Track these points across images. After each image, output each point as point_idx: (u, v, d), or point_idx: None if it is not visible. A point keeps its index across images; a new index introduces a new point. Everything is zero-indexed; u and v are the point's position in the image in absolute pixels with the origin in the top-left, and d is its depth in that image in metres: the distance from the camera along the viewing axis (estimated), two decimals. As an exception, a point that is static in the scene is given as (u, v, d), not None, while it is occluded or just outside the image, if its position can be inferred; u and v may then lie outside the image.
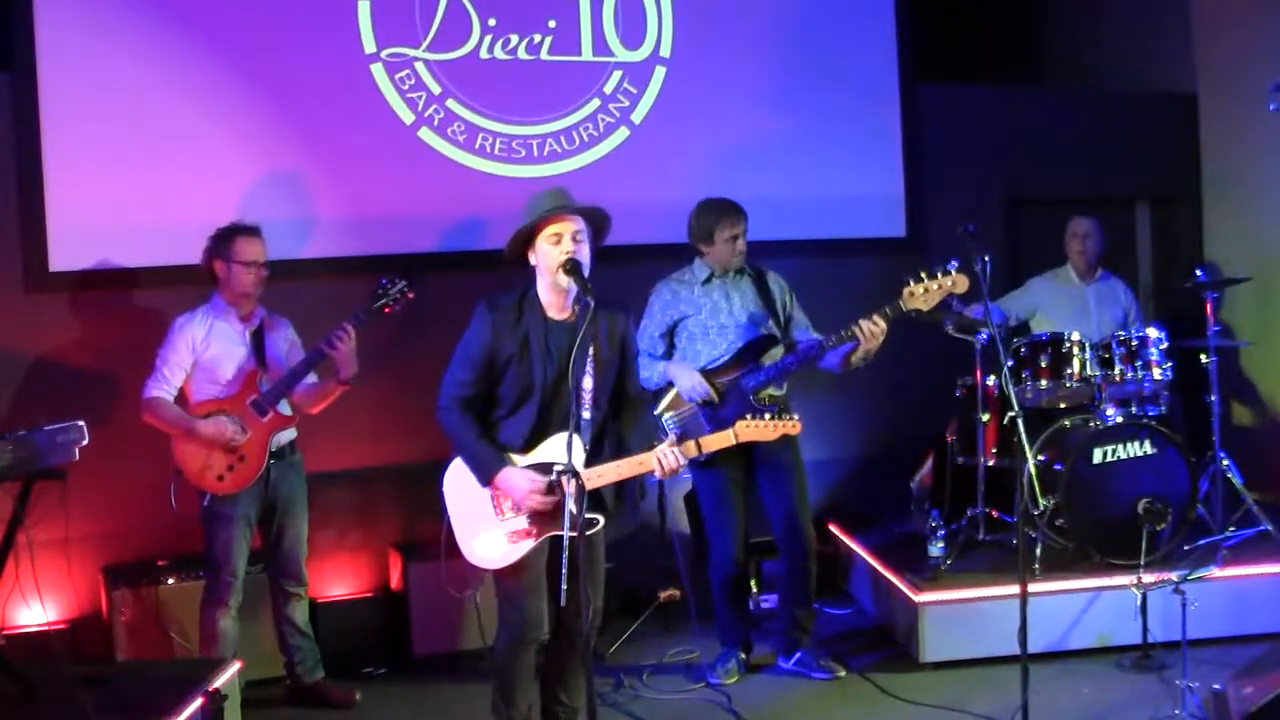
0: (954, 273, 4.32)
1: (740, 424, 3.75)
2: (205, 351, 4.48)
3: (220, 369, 4.49)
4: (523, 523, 3.67)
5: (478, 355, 3.66)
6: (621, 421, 3.83)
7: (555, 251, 3.58)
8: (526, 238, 3.64)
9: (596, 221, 3.72)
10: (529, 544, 3.68)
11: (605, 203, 3.78)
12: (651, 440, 3.78)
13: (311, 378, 4.65)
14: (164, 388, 4.45)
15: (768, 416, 3.75)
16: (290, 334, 4.75)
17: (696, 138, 6.00)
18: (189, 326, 4.50)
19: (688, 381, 4.66)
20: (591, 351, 3.60)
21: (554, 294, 3.67)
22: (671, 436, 3.83)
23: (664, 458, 3.62)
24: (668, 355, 4.82)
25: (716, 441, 3.78)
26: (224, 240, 4.53)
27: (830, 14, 6.28)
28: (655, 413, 4.72)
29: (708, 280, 4.81)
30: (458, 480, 3.73)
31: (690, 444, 3.70)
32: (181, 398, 4.51)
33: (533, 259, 3.67)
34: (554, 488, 3.59)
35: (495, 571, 3.71)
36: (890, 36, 6.38)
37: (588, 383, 3.59)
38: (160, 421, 4.42)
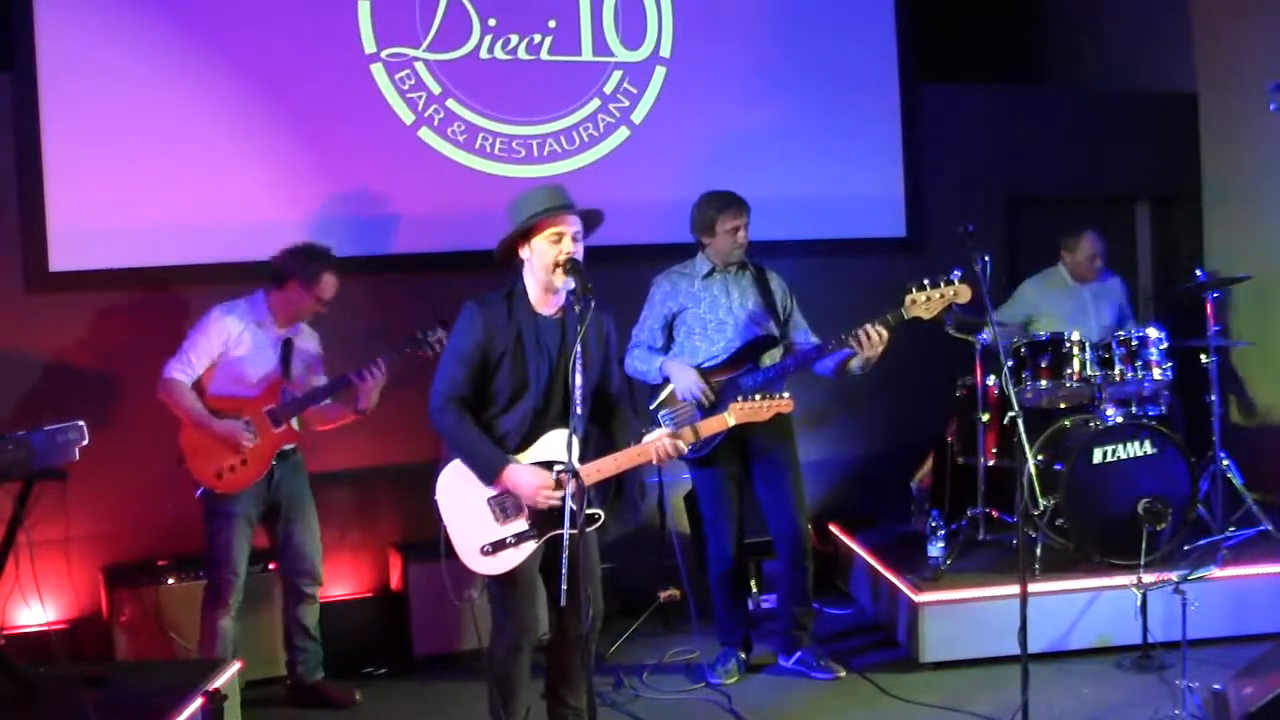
0: (956, 282, 4.31)
1: (734, 406, 3.81)
2: (236, 349, 4.44)
3: (247, 370, 4.46)
4: (523, 524, 3.65)
5: (470, 353, 3.61)
6: (610, 421, 3.82)
7: (554, 250, 3.56)
8: (523, 234, 3.61)
9: (589, 222, 3.70)
10: (532, 545, 3.66)
11: (604, 203, 3.78)
12: (640, 433, 3.77)
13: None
14: (186, 371, 4.40)
15: (758, 397, 3.82)
16: (316, 348, 4.71)
17: (696, 138, 6.00)
18: (226, 320, 4.45)
19: (684, 380, 4.64)
20: (580, 349, 3.59)
21: (544, 291, 3.65)
22: (668, 427, 3.84)
23: (661, 446, 3.64)
24: (667, 348, 4.81)
25: (712, 426, 3.82)
26: (313, 267, 4.46)
27: (830, 14, 6.28)
28: (651, 408, 4.73)
29: (709, 274, 4.80)
30: (452, 488, 3.67)
31: (687, 430, 3.75)
32: (197, 385, 4.45)
33: (525, 255, 3.64)
34: (561, 483, 3.57)
35: (490, 578, 3.69)
36: (890, 36, 6.38)
37: (579, 379, 3.57)
38: (173, 404, 4.38)
